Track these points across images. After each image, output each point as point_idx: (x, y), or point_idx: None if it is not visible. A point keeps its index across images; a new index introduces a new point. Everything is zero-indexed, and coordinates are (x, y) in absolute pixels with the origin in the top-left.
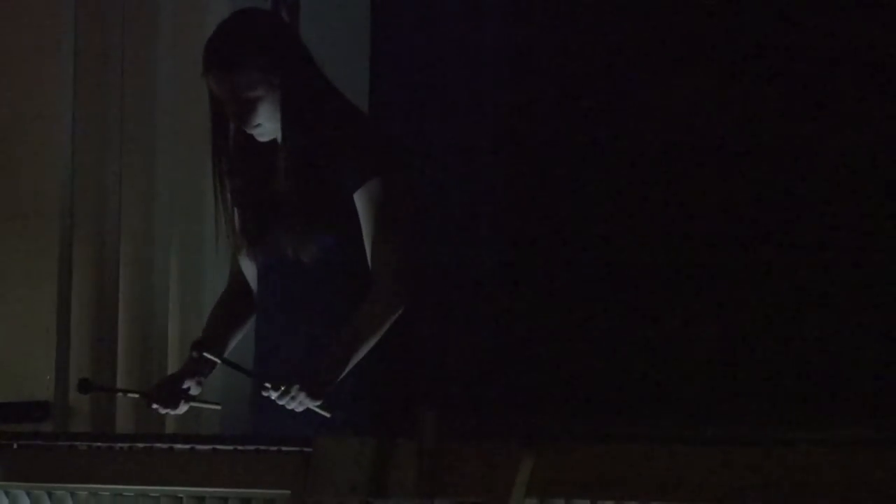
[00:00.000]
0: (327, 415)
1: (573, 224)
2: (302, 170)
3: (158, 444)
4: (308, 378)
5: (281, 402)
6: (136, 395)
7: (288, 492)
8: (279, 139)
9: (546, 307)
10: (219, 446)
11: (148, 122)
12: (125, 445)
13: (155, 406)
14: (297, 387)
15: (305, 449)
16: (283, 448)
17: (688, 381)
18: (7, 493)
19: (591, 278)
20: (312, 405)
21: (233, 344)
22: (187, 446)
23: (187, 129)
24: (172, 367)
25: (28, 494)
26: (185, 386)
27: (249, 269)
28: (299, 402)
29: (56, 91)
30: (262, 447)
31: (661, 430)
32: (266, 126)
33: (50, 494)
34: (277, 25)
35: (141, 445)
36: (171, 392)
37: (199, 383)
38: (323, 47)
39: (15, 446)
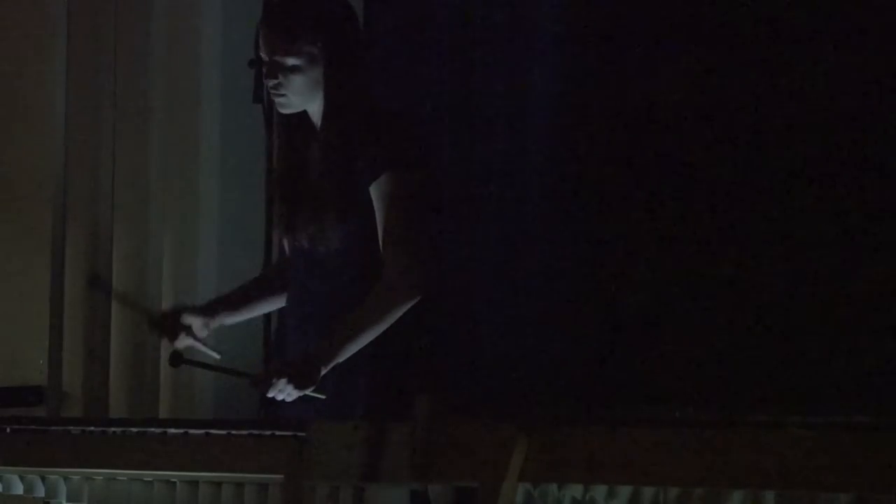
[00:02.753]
0: (322, 396)
1: (570, 213)
2: (331, 157)
3: (152, 429)
4: (292, 370)
5: (271, 395)
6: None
7: (282, 476)
8: (315, 119)
9: (540, 291)
10: (212, 431)
11: (142, 109)
12: (119, 430)
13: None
14: (283, 380)
15: (299, 433)
16: (277, 432)
17: (681, 366)
18: (0, 478)
19: (586, 265)
20: (303, 392)
21: (247, 315)
22: (181, 431)
23: (181, 113)
24: (165, 352)
25: (21, 479)
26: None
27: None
28: (288, 394)
29: (48, 79)
30: (256, 431)
31: (654, 414)
32: (291, 98)
33: (43, 479)
34: (343, 10)
35: (134, 430)
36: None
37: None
38: None
39: (8, 431)
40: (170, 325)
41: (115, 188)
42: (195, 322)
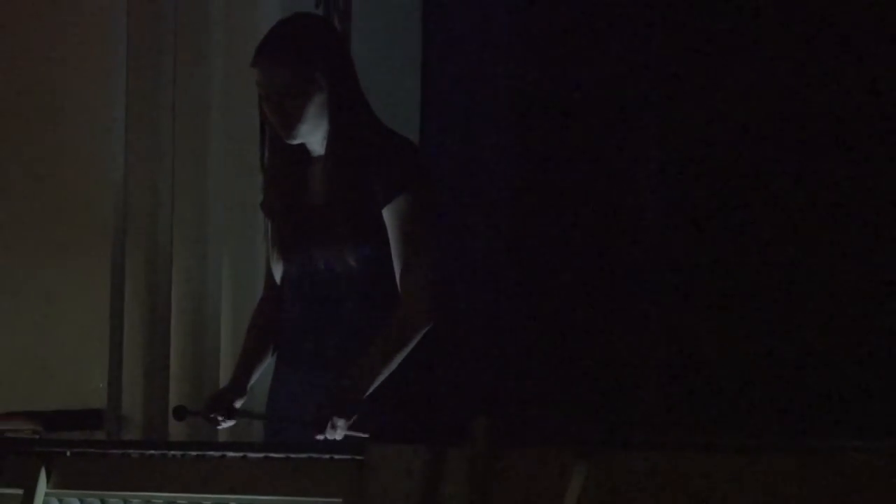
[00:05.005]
0: (365, 435)
1: (616, 234)
2: (341, 181)
3: (211, 453)
4: (338, 405)
5: (322, 437)
6: None
7: (340, 500)
8: (313, 147)
9: (597, 315)
10: (271, 454)
11: (201, 129)
12: (178, 453)
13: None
14: (334, 418)
15: (358, 457)
16: (336, 456)
17: (739, 390)
18: (61, 501)
19: (641, 289)
20: (350, 431)
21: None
22: (240, 454)
23: (241, 136)
24: (224, 374)
25: (81, 502)
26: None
27: (280, 276)
28: (340, 429)
29: (109, 98)
30: (315, 455)
31: (713, 439)
32: (299, 128)
33: (103, 502)
34: (332, 32)
35: (193, 453)
36: None
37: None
38: (373, 57)
39: (68, 454)
40: (218, 413)
41: (174, 211)
42: (237, 405)
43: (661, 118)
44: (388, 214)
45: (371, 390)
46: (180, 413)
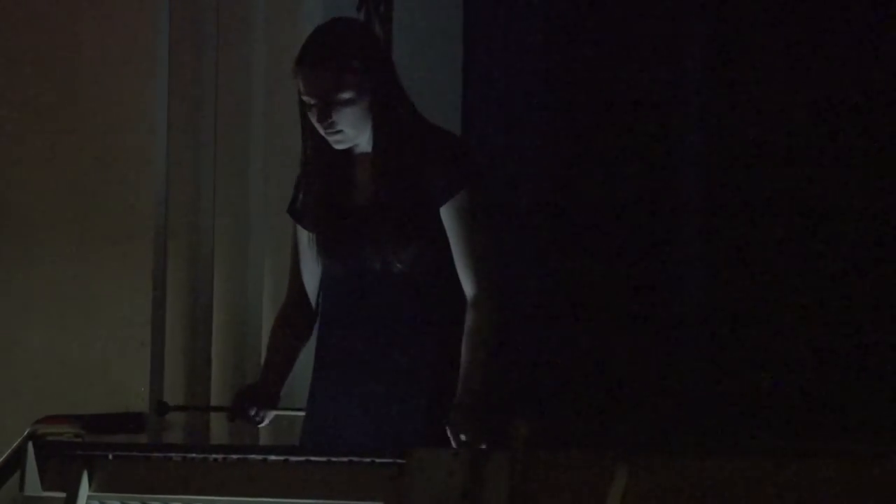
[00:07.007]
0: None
1: (656, 235)
2: (393, 179)
3: (252, 456)
4: (469, 425)
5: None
6: None
7: (381, 503)
8: (356, 149)
9: (637, 317)
10: (312, 457)
11: (243, 128)
12: (219, 457)
13: None
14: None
15: (398, 460)
16: (377, 459)
17: (786, 395)
18: None
19: (687, 294)
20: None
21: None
22: (281, 457)
23: (282, 137)
24: None
25: None
26: None
27: (311, 282)
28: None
29: (151, 100)
30: (356, 458)
31: (756, 444)
32: (347, 133)
33: None
34: (373, 36)
35: (235, 457)
36: None
37: None
38: (415, 59)
39: (110, 457)
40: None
41: (216, 216)
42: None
43: (703, 115)
44: (447, 212)
45: (483, 394)
46: (162, 408)
